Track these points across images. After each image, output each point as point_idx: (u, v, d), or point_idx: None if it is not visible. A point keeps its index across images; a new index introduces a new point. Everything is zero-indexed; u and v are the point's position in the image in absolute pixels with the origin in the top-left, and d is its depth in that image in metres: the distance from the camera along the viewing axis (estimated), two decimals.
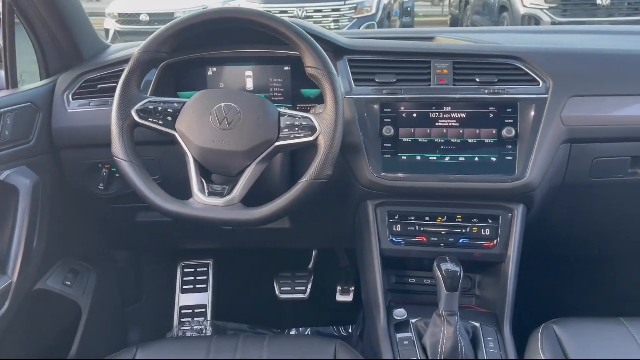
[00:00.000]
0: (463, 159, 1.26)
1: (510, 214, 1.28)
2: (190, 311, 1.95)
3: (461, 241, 1.29)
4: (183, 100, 1.20)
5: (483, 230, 1.28)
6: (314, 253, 2.01)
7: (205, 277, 1.99)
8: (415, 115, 1.28)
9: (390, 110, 1.28)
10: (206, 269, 2.00)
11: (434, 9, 11.76)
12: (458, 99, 1.27)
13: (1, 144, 1.25)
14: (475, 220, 1.29)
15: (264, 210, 1.12)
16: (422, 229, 1.30)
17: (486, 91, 1.27)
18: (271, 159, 1.17)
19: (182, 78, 1.44)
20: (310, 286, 1.94)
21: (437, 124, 1.27)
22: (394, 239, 1.31)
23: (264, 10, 1.22)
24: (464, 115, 1.27)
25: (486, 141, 1.26)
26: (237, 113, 1.15)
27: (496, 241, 1.28)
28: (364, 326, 1.63)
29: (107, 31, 7.08)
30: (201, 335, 1.88)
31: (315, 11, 6.48)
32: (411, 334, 1.21)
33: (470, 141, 1.26)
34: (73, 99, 1.42)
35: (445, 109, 1.27)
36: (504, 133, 1.25)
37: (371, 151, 1.27)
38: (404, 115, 1.28)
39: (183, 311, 1.95)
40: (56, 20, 1.39)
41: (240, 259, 2.04)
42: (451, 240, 1.29)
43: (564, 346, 1.10)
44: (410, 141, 1.28)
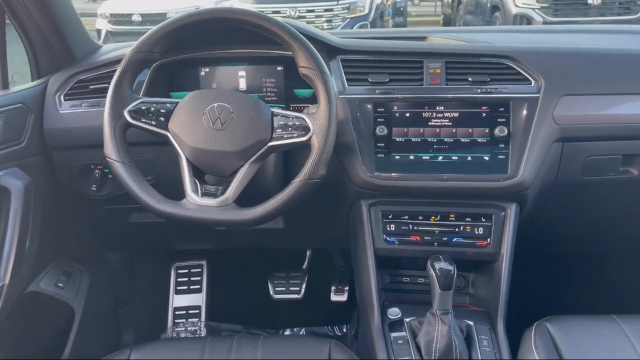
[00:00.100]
0: (456, 158, 1.27)
1: (503, 213, 1.28)
2: (184, 312, 1.94)
3: (454, 240, 1.30)
4: (175, 100, 1.19)
5: (476, 229, 1.29)
6: (308, 253, 2.01)
7: (199, 278, 1.98)
8: (408, 115, 1.28)
9: (383, 110, 1.28)
10: (200, 270, 1.99)
11: (425, 9, 11.78)
12: (450, 98, 1.28)
13: None
14: (469, 219, 1.29)
15: (258, 210, 1.12)
16: (416, 228, 1.31)
17: (478, 90, 1.28)
18: (264, 159, 1.17)
19: (175, 78, 1.44)
20: (304, 286, 1.94)
21: (429, 123, 1.28)
22: (388, 238, 1.31)
23: (257, 10, 1.22)
24: (456, 115, 1.27)
25: (479, 140, 1.26)
26: (230, 113, 1.15)
27: (489, 240, 1.28)
28: (358, 325, 1.64)
29: (98, 32, 7.04)
30: (195, 336, 1.88)
31: (308, 11, 6.48)
32: (405, 333, 1.21)
33: (462, 140, 1.27)
34: (65, 100, 1.41)
35: (437, 108, 1.28)
36: (497, 132, 1.25)
37: (364, 151, 1.27)
38: (396, 115, 1.28)
39: (177, 312, 1.94)
40: (47, 21, 1.39)
41: (234, 259, 2.03)
42: (444, 239, 1.30)
43: (556, 344, 1.10)
44: (403, 140, 1.28)
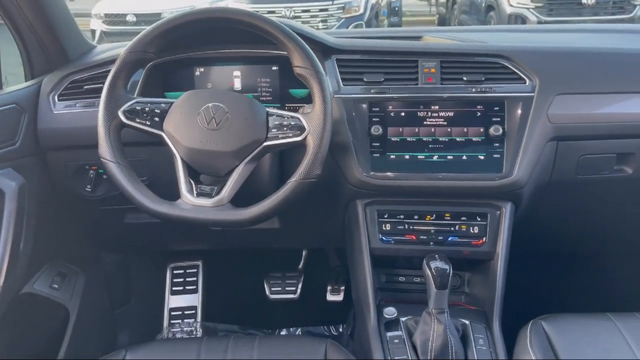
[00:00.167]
0: (451, 157, 1.27)
1: (498, 212, 1.29)
2: (180, 312, 1.94)
3: (450, 239, 1.30)
4: (170, 100, 1.19)
5: (471, 228, 1.29)
6: (303, 253, 2.01)
7: (195, 278, 1.97)
8: (403, 114, 1.28)
9: (378, 109, 1.28)
10: (195, 270, 1.99)
11: (421, 9, 11.79)
12: (445, 97, 1.28)
13: None
14: (464, 218, 1.30)
15: (253, 210, 1.12)
16: (411, 227, 1.31)
17: (473, 90, 1.28)
18: (259, 159, 1.17)
19: (170, 78, 1.43)
20: (300, 286, 1.94)
21: (425, 122, 1.28)
22: (384, 238, 1.31)
23: (252, 10, 1.22)
24: (451, 114, 1.27)
25: (474, 139, 1.27)
26: (225, 113, 1.15)
27: (485, 239, 1.29)
28: (354, 325, 1.64)
29: (93, 32, 7.00)
30: (191, 336, 1.87)
31: (303, 11, 6.48)
32: (401, 332, 1.21)
33: (458, 139, 1.27)
34: (59, 100, 1.40)
35: (432, 107, 1.28)
36: (491, 131, 1.25)
37: (360, 150, 1.27)
38: (392, 114, 1.28)
39: (173, 313, 1.94)
40: (41, 21, 1.38)
41: (229, 259, 2.03)
42: (440, 238, 1.30)
43: (552, 342, 1.11)
44: (398, 140, 1.28)
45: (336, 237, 1.52)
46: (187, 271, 1.99)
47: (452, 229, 1.30)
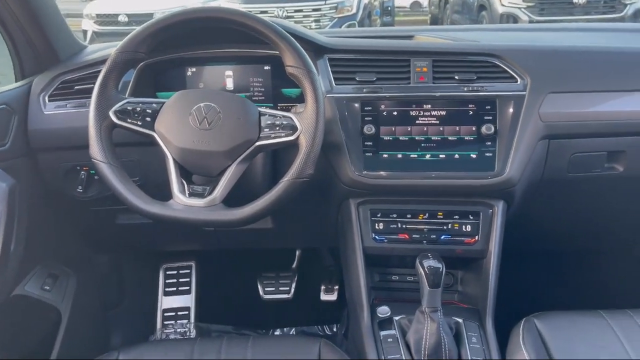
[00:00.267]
0: (443, 156, 1.27)
1: (491, 210, 1.29)
2: (173, 313, 1.93)
3: (443, 238, 1.30)
4: (162, 100, 1.18)
5: (464, 227, 1.29)
6: (297, 253, 2.01)
7: (188, 279, 1.97)
8: (395, 113, 1.28)
9: (370, 109, 1.28)
10: (188, 271, 1.98)
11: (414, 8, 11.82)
12: (438, 96, 1.28)
13: None
14: (456, 217, 1.30)
15: (246, 210, 1.11)
16: (404, 226, 1.31)
17: (465, 88, 1.28)
18: (252, 158, 1.17)
19: (161, 78, 1.43)
20: (294, 286, 1.94)
21: (417, 121, 1.28)
22: (377, 237, 1.31)
23: (244, 10, 1.22)
24: (443, 113, 1.28)
25: (466, 138, 1.27)
26: (217, 113, 1.14)
27: (477, 237, 1.29)
28: (348, 324, 1.64)
29: (84, 32, 6.96)
30: (184, 337, 1.87)
31: (296, 11, 6.48)
32: (395, 331, 1.21)
33: (450, 138, 1.27)
34: (49, 101, 1.39)
35: (425, 106, 1.28)
36: (483, 130, 1.26)
37: (352, 149, 1.27)
38: (384, 114, 1.28)
39: (166, 314, 1.93)
40: (30, 21, 1.37)
41: (222, 260, 2.02)
42: (433, 237, 1.30)
43: (544, 339, 1.11)
44: (391, 139, 1.28)
45: (329, 236, 1.52)
46: (180, 272, 1.98)
47: (445, 227, 1.30)
